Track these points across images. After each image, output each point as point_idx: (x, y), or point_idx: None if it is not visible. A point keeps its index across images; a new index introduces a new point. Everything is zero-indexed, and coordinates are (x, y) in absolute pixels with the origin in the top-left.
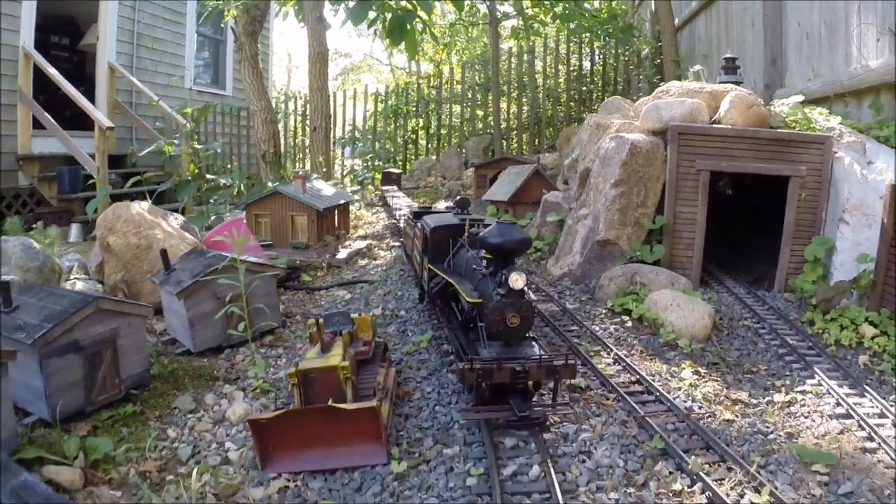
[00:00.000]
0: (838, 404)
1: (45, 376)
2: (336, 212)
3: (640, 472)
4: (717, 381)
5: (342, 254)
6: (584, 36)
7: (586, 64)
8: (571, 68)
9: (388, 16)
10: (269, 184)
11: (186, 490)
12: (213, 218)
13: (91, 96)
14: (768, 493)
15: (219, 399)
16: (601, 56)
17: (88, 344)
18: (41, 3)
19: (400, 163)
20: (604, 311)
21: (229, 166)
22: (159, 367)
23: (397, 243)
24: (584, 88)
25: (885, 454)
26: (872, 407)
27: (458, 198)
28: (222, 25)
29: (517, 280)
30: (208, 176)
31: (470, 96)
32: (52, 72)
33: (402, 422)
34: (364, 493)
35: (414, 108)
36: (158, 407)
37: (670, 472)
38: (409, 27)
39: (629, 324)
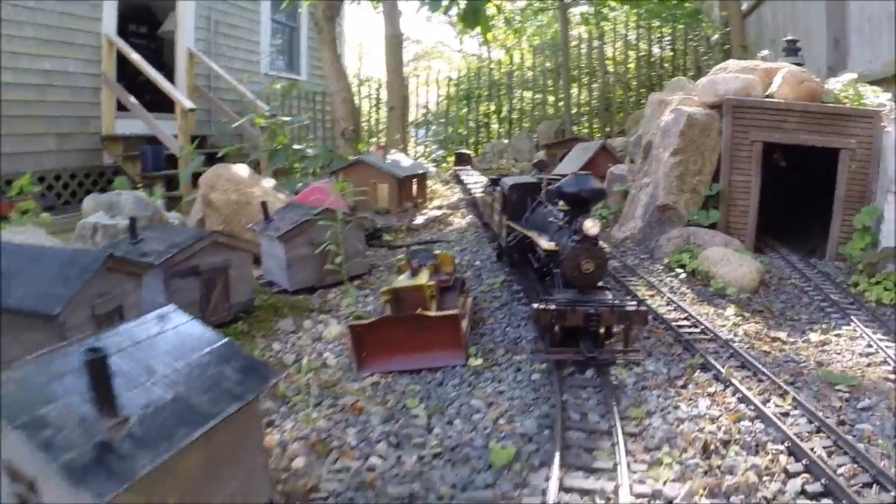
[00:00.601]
0: (869, 346)
1: (168, 294)
2: (414, 181)
3: (681, 378)
4: (758, 323)
5: (420, 219)
6: (652, 21)
7: (656, 50)
8: (641, 54)
9: (462, 2)
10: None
11: (293, 383)
12: (299, 185)
13: (170, 81)
14: (791, 399)
15: (315, 324)
16: (670, 41)
17: (205, 270)
18: None
19: (472, 146)
20: (661, 267)
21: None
22: (261, 299)
23: (470, 214)
24: (654, 73)
25: None
26: None
27: (536, 160)
28: (300, 11)
29: (592, 226)
30: (295, 146)
31: (541, 82)
32: (136, 57)
33: (478, 339)
34: (445, 385)
35: (486, 93)
36: (263, 328)
37: (707, 380)
38: (482, 11)
39: (683, 276)
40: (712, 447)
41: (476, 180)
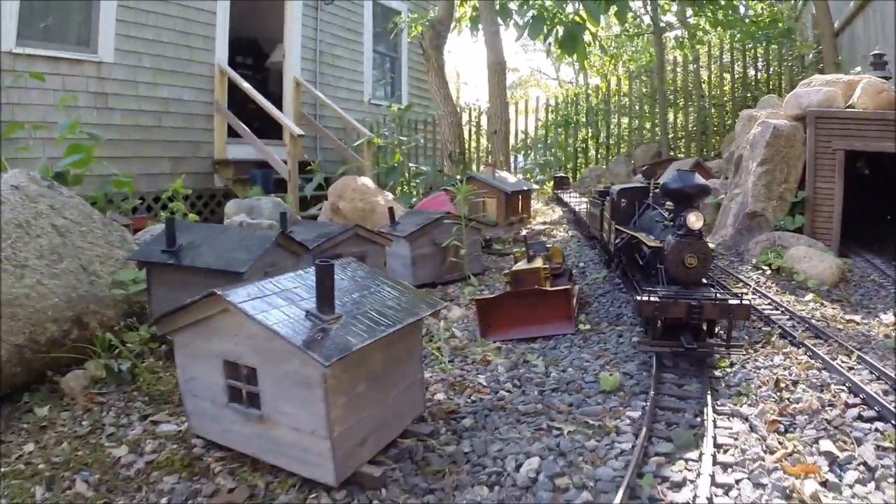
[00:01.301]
0: None
1: None
2: (520, 197)
3: (760, 342)
4: (835, 309)
5: (525, 232)
6: (746, 43)
7: (751, 72)
8: (736, 76)
9: (560, 29)
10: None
11: (427, 348)
12: (413, 199)
13: (277, 109)
14: (856, 356)
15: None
16: (764, 62)
17: (346, 257)
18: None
19: (570, 170)
20: (748, 267)
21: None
22: None
23: (572, 229)
24: (749, 95)
25: None
26: None
27: (645, 167)
28: (409, 41)
29: (695, 220)
30: (411, 165)
31: (637, 108)
32: (246, 86)
33: (585, 316)
34: (558, 348)
35: (584, 119)
36: None
37: (783, 344)
38: (579, 38)
39: (768, 273)
40: (783, 385)
41: (577, 200)
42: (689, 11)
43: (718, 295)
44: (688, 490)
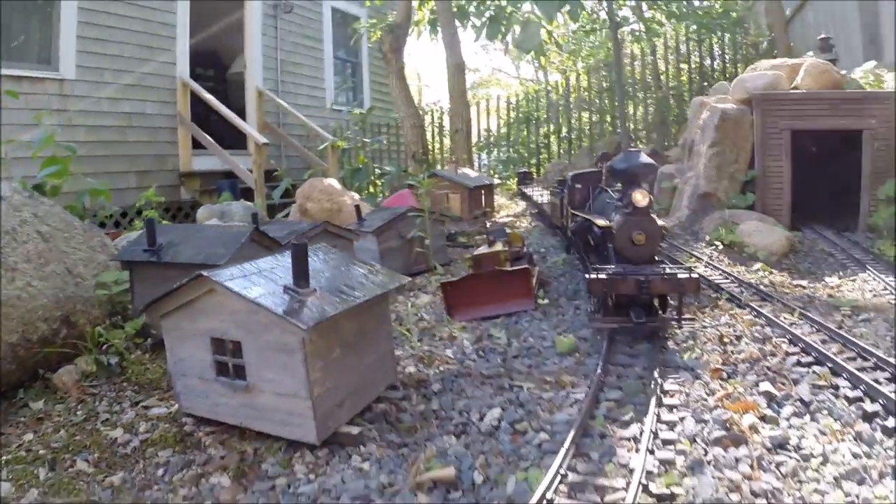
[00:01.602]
0: (881, 286)
1: None
2: (482, 192)
3: (708, 306)
4: (783, 276)
5: (489, 224)
6: (701, 33)
7: (707, 61)
8: (693, 66)
9: (517, 28)
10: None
11: (397, 329)
12: (379, 199)
13: (241, 119)
14: (798, 314)
15: (408, 297)
16: (720, 52)
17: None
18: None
19: (533, 166)
20: (702, 244)
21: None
22: None
23: (535, 222)
24: (706, 84)
25: None
26: None
27: (601, 153)
28: (369, 45)
29: (640, 198)
30: (375, 166)
31: (598, 102)
32: (208, 97)
33: (544, 293)
34: (520, 322)
35: (545, 115)
36: None
37: (730, 307)
38: (535, 37)
39: (721, 248)
40: (727, 340)
41: (540, 192)
42: (645, 6)
43: (667, 270)
44: (635, 427)
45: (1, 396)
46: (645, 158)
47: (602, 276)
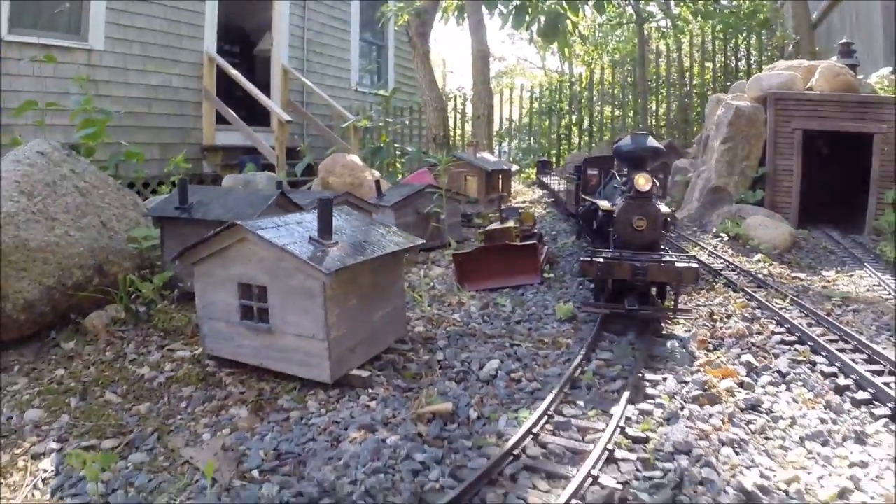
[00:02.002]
0: (875, 283)
1: None
2: (500, 176)
3: (705, 288)
4: (783, 268)
5: (504, 207)
6: (727, 33)
7: (732, 61)
8: (718, 65)
9: (543, 18)
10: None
11: (410, 296)
12: (399, 177)
13: (265, 96)
14: (789, 300)
15: (421, 268)
16: (745, 52)
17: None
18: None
19: (554, 156)
20: (710, 235)
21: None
22: None
23: (550, 208)
24: (730, 84)
25: None
26: None
27: (617, 139)
28: (396, 29)
29: (643, 182)
30: (396, 146)
31: (620, 96)
32: (234, 73)
33: (551, 269)
34: (525, 294)
35: (567, 106)
36: None
37: (725, 290)
38: (560, 28)
39: (726, 239)
40: (717, 317)
41: (557, 181)
42: (672, 3)
43: (665, 257)
44: (619, 382)
45: (33, 336)
46: (652, 142)
47: (597, 259)
